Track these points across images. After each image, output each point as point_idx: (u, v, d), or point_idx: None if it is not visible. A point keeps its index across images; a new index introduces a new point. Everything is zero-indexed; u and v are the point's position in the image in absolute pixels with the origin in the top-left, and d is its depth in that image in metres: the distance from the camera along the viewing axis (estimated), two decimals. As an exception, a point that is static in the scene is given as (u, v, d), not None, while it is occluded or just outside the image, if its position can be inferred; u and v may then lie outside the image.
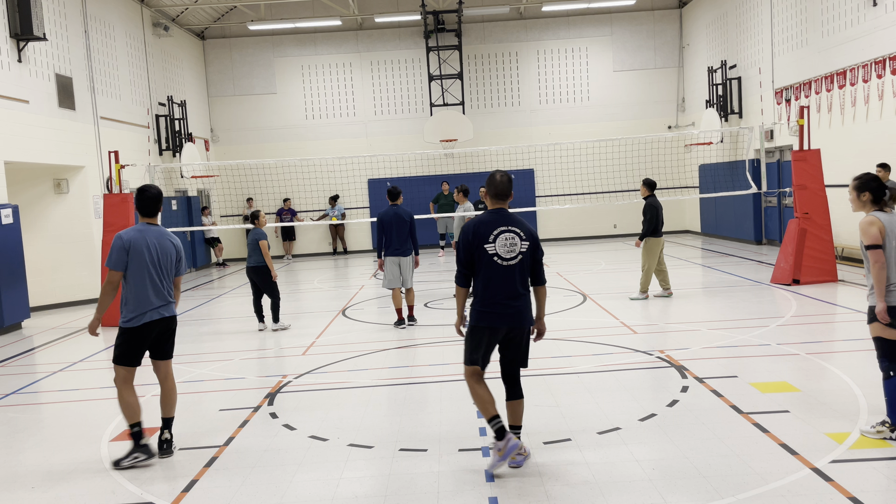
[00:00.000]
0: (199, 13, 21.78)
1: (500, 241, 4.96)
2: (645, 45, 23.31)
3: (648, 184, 11.65)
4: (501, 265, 4.98)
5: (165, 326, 5.79)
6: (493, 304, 5.01)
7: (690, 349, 8.26)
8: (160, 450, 5.76)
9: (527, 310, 5.12)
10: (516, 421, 5.24)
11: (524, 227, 5.05)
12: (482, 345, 5.11)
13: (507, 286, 5.01)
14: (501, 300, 5.01)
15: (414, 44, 23.20)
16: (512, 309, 5.02)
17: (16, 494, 5.28)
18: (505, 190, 5.09)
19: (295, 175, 21.94)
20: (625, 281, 13.93)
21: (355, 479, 5.17)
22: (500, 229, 4.98)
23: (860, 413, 5.83)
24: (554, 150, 21.49)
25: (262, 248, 10.49)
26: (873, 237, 4.95)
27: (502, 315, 5.02)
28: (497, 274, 4.99)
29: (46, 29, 14.20)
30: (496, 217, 5.04)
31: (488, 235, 4.97)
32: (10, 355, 10.51)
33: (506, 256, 4.97)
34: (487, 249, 4.97)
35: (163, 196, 5.93)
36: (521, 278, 5.06)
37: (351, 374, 8.15)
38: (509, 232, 4.98)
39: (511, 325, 5.05)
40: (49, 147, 14.17)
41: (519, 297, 5.04)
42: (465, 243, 5.03)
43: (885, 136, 13.21)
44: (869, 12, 13.52)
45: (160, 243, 5.73)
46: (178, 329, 6.13)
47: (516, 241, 4.98)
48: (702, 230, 22.29)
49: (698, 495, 4.56)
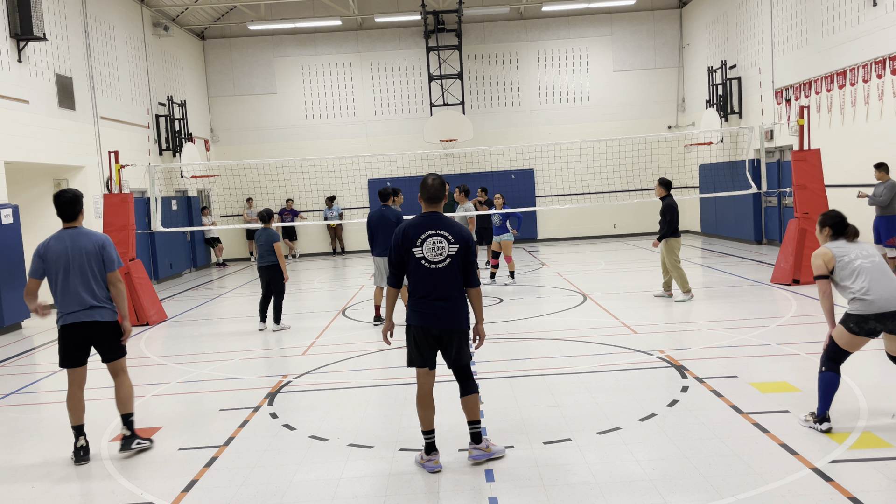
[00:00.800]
0: (199, 13, 21.78)
1: (427, 245, 5.04)
2: (645, 45, 23.31)
3: (665, 183, 11.45)
4: (429, 268, 5.05)
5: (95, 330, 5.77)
6: (423, 305, 5.10)
7: (690, 349, 8.26)
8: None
9: (459, 312, 5.13)
10: (473, 416, 5.27)
11: (455, 231, 5.09)
12: (418, 344, 5.16)
13: (435, 288, 5.07)
14: (431, 301, 5.08)
15: (414, 44, 23.20)
16: (442, 311, 5.07)
17: (16, 494, 5.28)
18: (437, 193, 5.17)
19: (295, 175, 21.93)
20: (625, 281, 13.93)
21: (355, 479, 5.17)
22: (428, 233, 5.06)
23: (860, 413, 5.83)
24: (554, 150, 21.50)
25: (276, 250, 10.64)
26: (817, 268, 5.57)
27: (432, 316, 5.08)
28: (425, 276, 5.07)
29: (46, 29, 14.21)
30: (426, 220, 5.11)
31: (416, 239, 5.06)
32: (10, 355, 10.51)
33: (432, 260, 5.04)
34: (415, 253, 5.06)
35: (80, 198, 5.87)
36: (452, 281, 5.09)
37: (351, 374, 8.15)
38: (437, 235, 5.05)
39: (441, 326, 5.09)
40: (49, 147, 14.17)
41: (449, 298, 5.08)
42: (396, 246, 5.13)
43: (885, 136, 13.22)
44: (869, 12, 13.52)
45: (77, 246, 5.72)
46: (179, 329, 6.15)
47: (444, 245, 5.04)
48: (702, 230, 22.30)
49: (698, 495, 4.56)
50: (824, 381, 5.50)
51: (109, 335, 5.86)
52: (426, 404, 5.20)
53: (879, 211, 12.12)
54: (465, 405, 5.27)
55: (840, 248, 5.58)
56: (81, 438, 5.83)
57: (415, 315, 5.14)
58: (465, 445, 5.61)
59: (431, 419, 5.21)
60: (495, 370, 7.87)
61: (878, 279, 5.40)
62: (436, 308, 5.07)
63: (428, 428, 5.20)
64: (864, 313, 5.35)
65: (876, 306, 5.32)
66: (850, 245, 5.61)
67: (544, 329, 9.96)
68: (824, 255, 5.57)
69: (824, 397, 5.50)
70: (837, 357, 5.52)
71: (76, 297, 5.70)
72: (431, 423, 5.21)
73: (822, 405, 5.52)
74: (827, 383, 5.48)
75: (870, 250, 5.60)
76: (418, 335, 5.14)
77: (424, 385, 5.22)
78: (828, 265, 5.53)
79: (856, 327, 5.40)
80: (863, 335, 5.40)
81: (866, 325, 5.37)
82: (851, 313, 5.42)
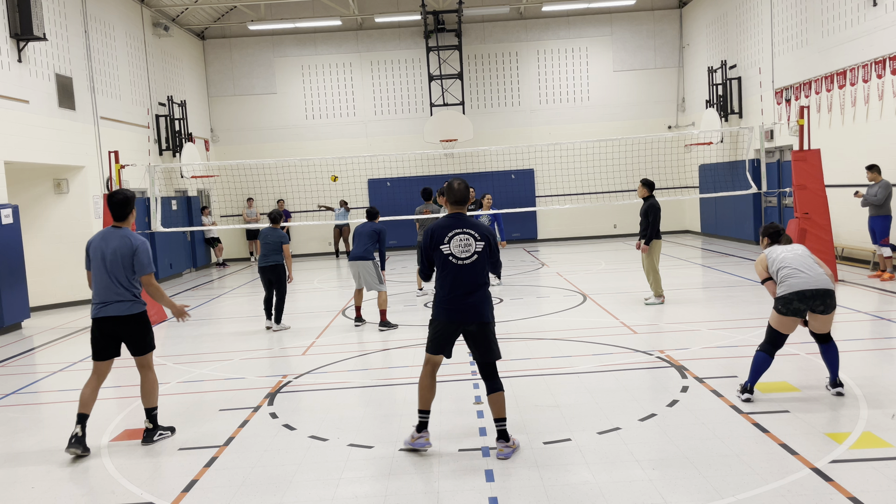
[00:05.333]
0: (199, 13, 21.79)
1: (455, 242, 5.37)
2: (645, 45, 23.31)
3: (648, 184, 11.36)
4: (457, 264, 5.36)
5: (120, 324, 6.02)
6: (449, 301, 5.37)
7: (690, 349, 8.26)
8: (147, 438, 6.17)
9: (483, 305, 5.40)
10: (499, 413, 5.41)
11: (479, 229, 5.43)
12: (439, 335, 5.44)
13: (463, 283, 5.36)
14: (458, 296, 5.35)
15: (414, 44, 23.20)
16: (467, 305, 5.35)
17: (16, 494, 5.28)
18: (462, 196, 5.50)
19: (295, 175, 21.93)
20: (625, 281, 13.93)
21: (355, 479, 5.17)
22: (454, 231, 5.40)
23: (860, 413, 5.83)
24: (554, 150, 21.50)
25: (285, 251, 10.86)
26: (760, 274, 6.46)
27: (458, 311, 5.36)
28: (453, 272, 5.36)
29: (46, 29, 14.21)
30: (453, 221, 5.45)
31: (444, 237, 5.39)
32: (10, 355, 10.52)
33: (460, 256, 5.36)
34: (443, 250, 5.37)
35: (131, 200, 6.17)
36: (478, 275, 5.40)
37: (351, 374, 8.15)
38: (464, 234, 5.39)
39: (466, 320, 5.37)
40: (49, 147, 14.17)
41: (474, 293, 5.37)
42: (425, 247, 5.49)
43: (885, 136, 13.22)
44: (869, 12, 13.52)
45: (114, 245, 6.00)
46: (179, 329, 6.18)
47: (471, 242, 5.37)
48: (702, 230, 22.30)
49: (698, 495, 4.56)
50: (756, 360, 6.28)
51: (134, 329, 6.07)
52: (430, 385, 5.47)
53: (874, 211, 12.27)
54: (493, 403, 5.41)
55: (771, 251, 6.44)
56: (79, 427, 5.94)
57: (442, 311, 5.40)
58: (466, 445, 5.63)
59: (430, 400, 5.49)
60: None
61: (798, 266, 6.15)
62: (462, 303, 5.34)
63: (425, 407, 5.49)
64: (786, 293, 6.07)
65: (795, 286, 6.04)
66: (779, 247, 6.44)
67: (544, 329, 9.96)
68: (761, 262, 6.46)
69: (754, 372, 6.27)
70: (775, 341, 6.20)
71: (104, 292, 5.99)
72: (429, 403, 5.50)
73: (751, 379, 6.30)
74: (757, 361, 6.26)
75: (798, 250, 6.36)
76: (442, 328, 5.42)
77: (434, 367, 5.49)
78: (766, 268, 6.38)
79: (783, 308, 6.09)
80: (790, 315, 6.08)
81: (791, 305, 6.06)
82: (778, 296, 6.17)
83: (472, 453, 5.47)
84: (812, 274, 6.08)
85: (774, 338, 6.18)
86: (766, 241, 6.63)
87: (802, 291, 6.01)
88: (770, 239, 6.61)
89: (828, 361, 6.32)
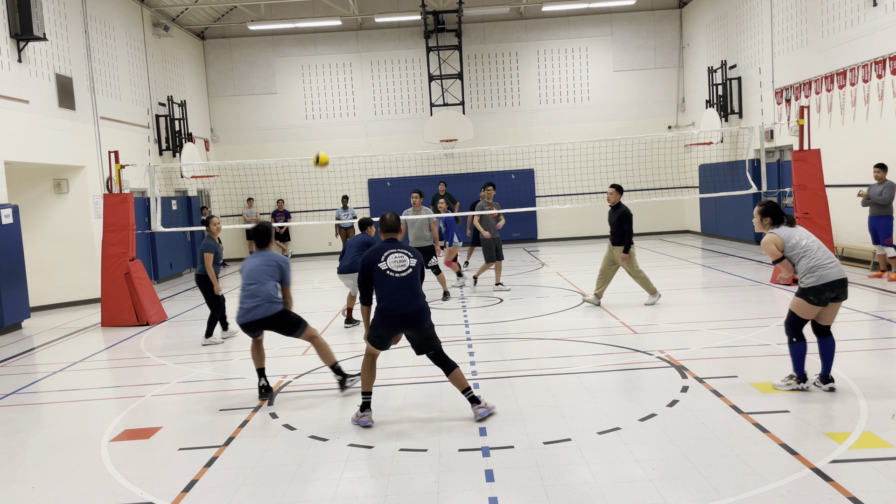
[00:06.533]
0: (199, 13, 21.79)
1: (392, 259, 6.27)
2: (645, 45, 23.31)
3: (620, 189, 11.13)
4: (394, 277, 6.22)
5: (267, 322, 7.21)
6: (390, 310, 6.16)
7: (690, 349, 8.26)
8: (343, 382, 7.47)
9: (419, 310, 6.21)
10: (462, 386, 6.28)
11: (411, 250, 6.43)
12: (380, 337, 6.31)
13: (401, 293, 6.19)
14: (397, 305, 6.16)
15: (414, 44, 23.21)
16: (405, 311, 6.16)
17: (15, 494, 5.28)
18: (394, 226, 6.56)
19: (295, 175, 21.94)
20: (625, 281, 13.93)
21: (355, 479, 5.17)
22: (389, 251, 6.33)
23: (860, 413, 5.83)
24: (554, 150, 21.50)
25: (206, 260, 10.01)
26: (773, 253, 6.34)
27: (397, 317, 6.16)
28: (392, 284, 6.20)
29: (46, 29, 14.21)
30: (387, 245, 6.40)
31: (380, 258, 6.27)
32: (10, 355, 10.52)
33: (397, 270, 6.24)
34: (381, 267, 6.23)
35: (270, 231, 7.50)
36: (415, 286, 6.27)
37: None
38: (398, 252, 6.33)
39: (407, 327, 6.21)
40: (49, 147, 14.17)
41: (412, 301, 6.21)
42: (363, 267, 6.30)
43: (885, 136, 13.22)
44: (869, 12, 13.52)
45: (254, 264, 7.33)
46: (179, 329, 6.19)
47: (405, 259, 6.31)
48: (702, 230, 22.30)
49: (698, 495, 4.56)
50: (798, 349, 6.38)
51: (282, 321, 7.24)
52: (372, 368, 6.38)
53: (877, 211, 12.17)
54: (453, 380, 6.29)
55: (785, 233, 6.36)
56: (263, 379, 7.31)
57: (384, 319, 6.19)
58: (466, 446, 5.63)
59: (371, 383, 6.37)
60: (495, 370, 7.87)
61: (826, 257, 6.23)
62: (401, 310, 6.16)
63: (367, 389, 6.33)
64: (820, 284, 6.15)
65: (828, 277, 6.15)
66: (792, 229, 6.40)
67: (544, 329, 9.96)
68: (775, 241, 6.33)
69: (800, 362, 6.39)
70: (799, 326, 6.36)
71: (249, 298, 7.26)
72: (370, 386, 6.37)
73: (800, 369, 6.42)
74: (800, 351, 6.38)
75: (813, 236, 6.38)
76: (383, 332, 6.28)
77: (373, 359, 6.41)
78: (780, 248, 6.32)
79: (815, 299, 6.19)
80: (819, 305, 6.21)
81: (823, 296, 6.18)
82: (808, 287, 6.21)
83: (472, 453, 5.47)
84: (838, 263, 6.26)
85: (799, 323, 6.35)
86: (769, 220, 6.51)
87: (833, 282, 6.15)
88: (773, 219, 6.50)
89: (824, 355, 6.43)
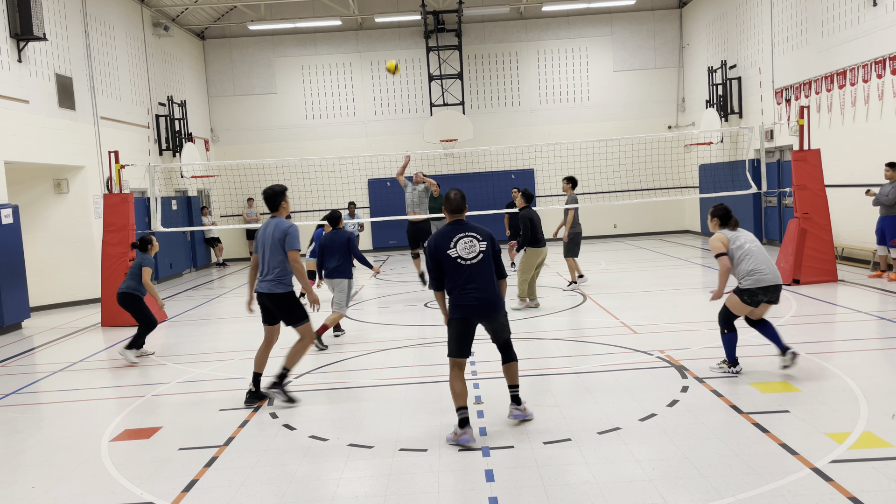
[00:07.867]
0: (199, 13, 21.78)
1: (461, 245, 5.78)
2: (645, 45, 23.31)
3: (528, 196, 11.24)
4: (465, 265, 5.75)
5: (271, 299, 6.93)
6: (463, 298, 5.75)
7: (690, 349, 8.26)
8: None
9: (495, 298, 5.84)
10: (512, 381, 6.09)
11: (481, 231, 5.89)
12: (459, 335, 5.79)
13: (473, 281, 5.76)
14: (470, 293, 5.74)
15: (414, 44, 23.20)
16: (480, 300, 5.75)
17: (15, 494, 5.28)
18: (459, 206, 5.94)
19: (295, 175, 21.91)
20: (625, 281, 13.93)
21: (355, 479, 5.17)
22: (458, 236, 5.82)
23: (860, 413, 5.83)
24: (554, 150, 21.49)
25: (143, 274, 9.42)
26: (717, 248, 6.93)
27: (472, 307, 5.74)
28: (463, 272, 5.75)
29: (46, 29, 14.20)
30: (454, 228, 5.88)
31: (449, 243, 5.79)
32: (10, 355, 10.51)
33: (466, 257, 5.77)
34: (450, 254, 5.76)
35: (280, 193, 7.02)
36: (487, 273, 5.82)
37: (351, 374, 8.15)
38: (467, 236, 5.82)
39: (481, 315, 5.79)
40: (49, 147, 14.17)
41: (486, 288, 5.78)
42: (431, 254, 5.86)
43: (885, 136, 13.21)
44: (869, 12, 13.52)
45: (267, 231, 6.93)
46: (179, 329, 6.17)
47: (475, 244, 5.80)
48: (702, 230, 22.29)
49: (698, 495, 4.56)
50: (730, 340, 7.02)
51: (284, 305, 6.95)
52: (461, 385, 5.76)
53: (884, 211, 12.02)
54: (507, 371, 6.08)
55: (730, 234, 6.99)
56: (253, 385, 7.09)
57: (457, 309, 5.76)
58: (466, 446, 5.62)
59: (465, 397, 5.73)
60: (495, 370, 7.87)
61: (764, 262, 6.79)
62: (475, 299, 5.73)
63: (462, 404, 5.69)
64: (756, 287, 6.76)
65: (763, 282, 6.75)
66: (736, 232, 7.00)
67: (544, 329, 9.96)
68: (721, 239, 6.94)
69: (731, 350, 7.04)
70: (731, 319, 6.98)
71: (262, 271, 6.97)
72: (465, 399, 5.72)
73: (731, 355, 7.07)
74: (731, 340, 7.02)
75: (758, 242, 6.96)
76: (461, 326, 5.77)
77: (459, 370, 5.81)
78: (725, 246, 6.90)
79: (749, 299, 6.82)
80: (751, 305, 6.85)
81: (756, 297, 6.81)
82: (744, 288, 6.82)
83: (473, 453, 5.47)
84: (774, 270, 6.84)
85: (731, 318, 6.99)
86: (717, 221, 7.13)
87: (767, 287, 6.77)
88: (720, 220, 7.12)
89: (770, 336, 7.01)
